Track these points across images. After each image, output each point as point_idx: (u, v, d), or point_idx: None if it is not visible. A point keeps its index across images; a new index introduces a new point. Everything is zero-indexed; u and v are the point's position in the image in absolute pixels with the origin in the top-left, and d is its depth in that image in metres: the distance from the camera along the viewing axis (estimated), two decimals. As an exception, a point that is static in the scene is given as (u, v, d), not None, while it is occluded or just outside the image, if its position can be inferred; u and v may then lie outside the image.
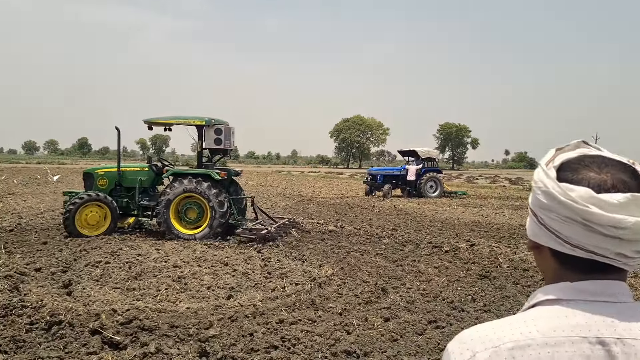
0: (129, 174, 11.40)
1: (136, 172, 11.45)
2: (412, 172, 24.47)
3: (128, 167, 11.54)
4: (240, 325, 5.30)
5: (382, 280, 7.47)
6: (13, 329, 5.08)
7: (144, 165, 11.57)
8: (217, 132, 10.86)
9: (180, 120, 11.01)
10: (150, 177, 11.47)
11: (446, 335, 5.13)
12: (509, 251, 9.99)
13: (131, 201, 11.28)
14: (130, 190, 11.38)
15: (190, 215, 10.75)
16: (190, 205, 10.72)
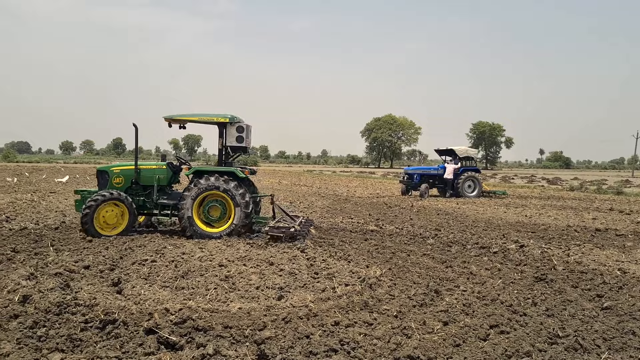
0: (146, 172, 11.22)
1: (153, 170, 11.26)
2: (450, 171, 24.03)
3: (145, 165, 11.34)
4: (294, 327, 5.15)
5: (433, 281, 7.23)
6: (68, 327, 5.05)
7: (162, 163, 11.39)
8: (239, 129, 10.74)
9: (204, 118, 10.84)
10: (167, 175, 11.29)
11: (512, 341, 4.87)
12: (562, 253, 9.60)
13: (148, 199, 11.13)
14: (147, 188, 11.21)
15: (212, 214, 10.67)
16: (213, 203, 10.64)
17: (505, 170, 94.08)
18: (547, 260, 8.78)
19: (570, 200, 23.71)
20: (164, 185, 11.27)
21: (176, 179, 11.59)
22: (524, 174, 72.18)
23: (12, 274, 6.84)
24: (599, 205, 20.94)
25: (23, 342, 4.66)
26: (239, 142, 10.76)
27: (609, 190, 31.23)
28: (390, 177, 52.58)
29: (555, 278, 7.46)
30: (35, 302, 5.64)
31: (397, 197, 23.69)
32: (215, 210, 10.66)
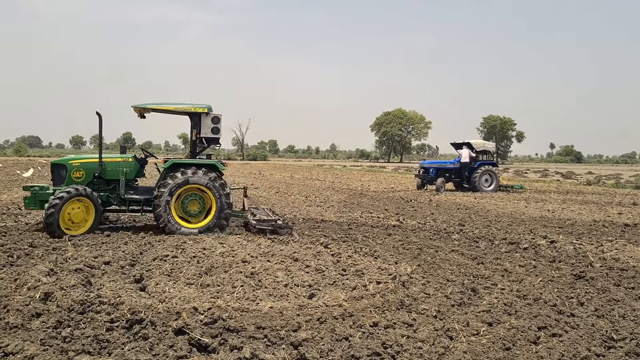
0: (111, 165, 10.27)
1: (119, 163, 10.33)
2: (466, 155, 23.71)
3: (110, 158, 10.39)
4: (331, 328, 4.86)
5: (467, 279, 6.91)
6: (93, 326, 4.79)
7: (128, 156, 10.50)
8: (215, 120, 10.23)
9: (180, 108, 10.21)
10: (134, 168, 10.43)
11: (567, 344, 4.55)
12: (595, 249, 9.23)
13: (112, 195, 10.28)
14: (111, 183, 10.32)
15: (190, 209, 10.12)
16: (191, 197, 10.09)
17: (517, 165, 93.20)
18: (582, 257, 8.42)
19: (590, 194, 23.23)
20: (130, 179, 10.46)
21: (142, 173, 10.68)
22: (536, 168, 71.41)
23: (32, 269, 6.60)
24: (621, 200, 20.48)
25: (47, 343, 4.40)
26: (214, 133, 10.27)
27: (628, 185, 30.67)
28: (402, 171, 52.16)
29: (595, 276, 7.12)
30: (57, 300, 5.40)
31: (412, 191, 23.33)
32: (194, 205, 10.14)
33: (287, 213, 13.61)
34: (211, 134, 10.27)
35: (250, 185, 24.26)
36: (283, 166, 59.33)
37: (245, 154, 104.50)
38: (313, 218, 12.81)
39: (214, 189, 10.04)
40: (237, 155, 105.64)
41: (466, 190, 23.70)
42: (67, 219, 9.42)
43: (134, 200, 10.32)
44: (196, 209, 10.15)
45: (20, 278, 6.22)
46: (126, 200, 10.27)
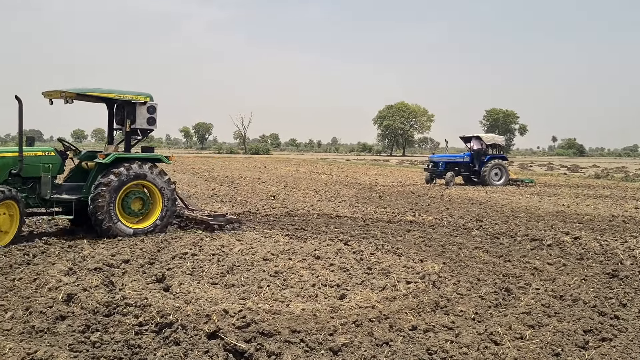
0: (31, 160, 8.67)
1: (40, 157, 8.80)
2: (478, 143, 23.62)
3: (29, 152, 8.78)
4: (369, 332, 4.66)
5: (498, 278, 6.72)
6: (121, 330, 4.61)
7: (49, 149, 9.06)
8: (151, 110, 9.36)
9: (121, 96, 9.17)
10: (57, 163, 8.95)
11: (620, 350, 4.35)
12: (621, 246, 9.02)
13: (32, 196, 8.68)
14: (29, 181, 8.67)
15: (133, 207, 9.21)
16: (134, 195, 9.19)
17: (520, 158, 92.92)
18: (610, 255, 8.22)
19: (601, 188, 23.01)
20: (53, 176, 8.91)
21: (63, 169, 9.24)
22: (540, 161, 71.14)
23: (50, 268, 6.41)
24: (634, 194, 20.25)
25: (76, 349, 4.22)
26: (150, 124, 9.39)
27: (637, 179, 30.43)
28: (407, 164, 51.92)
29: (629, 274, 6.91)
30: (81, 302, 5.21)
31: (421, 185, 23.12)
32: (136, 203, 9.24)
33: (299, 208, 13.41)
34: (147, 124, 9.38)
35: (258, 180, 24.08)
36: (287, 160, 59.12)
37: (247, 148, 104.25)
38: (327, 213, 12.61)
39: (161, 185, 9.36)
40: (240, 149, 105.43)
41: (475, 184, 23.48)
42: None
43: (61, 202, 8.92)
44: (138, 207, 9.29)
45: (39, 278, 6.04)
46: (51, 202, 8.79)
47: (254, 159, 58.89)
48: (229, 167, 36.01)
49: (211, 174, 28.11)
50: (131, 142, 9.58)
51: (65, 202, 8.95)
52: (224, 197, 15.86)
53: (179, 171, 29.83)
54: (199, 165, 38.40)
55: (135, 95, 9.31)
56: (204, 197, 15.83)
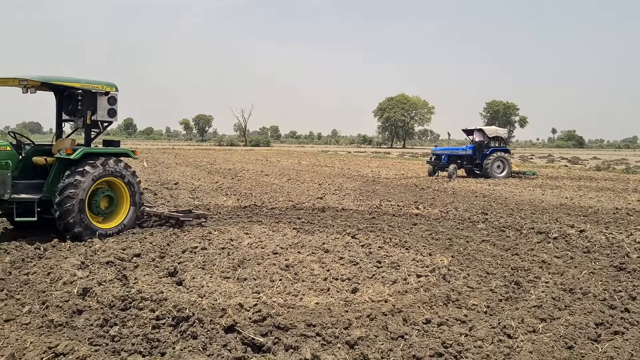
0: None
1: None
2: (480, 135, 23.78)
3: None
4: (383, 326, 4.72)
5: (507, 272, 6.77)
6: (139, 324, 4.66)
7: (4, 143, 8.18)
8: (112, 101, 8.65)
9: (87, 85, 8.33)
10: (14, 159, 8.11)
11: (633, 342, 4.41)
12: (627, 238, 9.07)
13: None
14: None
15: (101, 206, 8.52)
16: (102, 193, 8.51)
17: (520, 150, 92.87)
18: (617, 247, 8.27)
19: (602, 181, 23.05)
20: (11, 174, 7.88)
21: (19, 165, 8.36)
22: (540, 153, 71.15)
23: (63, 262, 6.46)
24: (636, 186, 20.30)
25: (96, 343, 4.27)
26: (110, 115, 8.68)
27: (638, 170, 30.48)
28: (408, 157, 51.94)
29: (636, 267, 6.97)
30: (97, 296, 5.26)
31: (424, 178, 23.15)
32: (103, 202, 8.55)
33: (304, 201, 13.46)
34: (107, 116, 8.66)
35: (261, 172, 24.10)
36: (288, 152, 59.10)
37: (248, 140, 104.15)
38: (332, 206, 12.65)
39: (130, 181, 8.75)
40: (240, 141, 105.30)
41: (478, 176, 23.51)
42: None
43: (22, 202, 7.92)
44: (105, 206, 8.60)
45: (53, 272, 6.09)
46: (9, 202, 7.78)
47: (255, 152, 58.87)
48: (230, 160, 36.01)
49: (213, 166, 28.12)
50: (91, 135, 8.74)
51: (24, 203, 7.93)
52: (228, 190, 15.89)
53: (181, 164, 29.85)
54: (200, 157, 38.39)
55: (101, 85, 8.50)
56: (209, 190, 15.85)
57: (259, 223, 10.06)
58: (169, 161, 32.40)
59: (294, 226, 9.74)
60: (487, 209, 12.59)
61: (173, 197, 13.95)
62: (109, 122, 8.84)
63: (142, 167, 25.63)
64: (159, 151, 51.53)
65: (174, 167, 27.20)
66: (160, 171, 23.73)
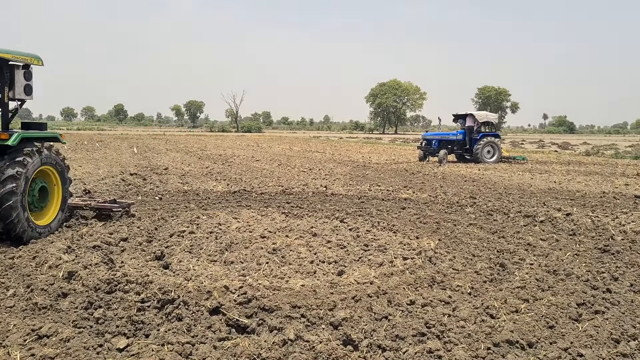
0: None
1: None
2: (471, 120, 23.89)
3: None
4: (367, 307, 4.75)
5: (493, 254, 6.82)
6: (124, 307, 4.67)
7: None
8: (27, 76, 7.40)
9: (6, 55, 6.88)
10: None
11: (612, 322, 4.47)
12: (612, 221, 9.16)
13: None
14: None
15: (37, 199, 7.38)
16: (39, 184, 7.37)
17: (511, 136, 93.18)
18: (602, 230, 8.35)
19: (591, 165, 23.21)
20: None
21: None
22: (531, 138, 71.41)
23: (49, 247, 6.44)
24: (624, 170, 20.45)
25: (80, 325, 4.28)
26: (27, 93, 7.45)
27: (627, 155, 30.70)
28: (399, 142, 51.97)
29: (620, 249, 7.04)
30: (82, 279, 5.26)
31: (415, 163, 23.19)
32: (39, 195, 7.41)
33: (294, 186, 13.46)
34: (24, 94, 7.41)
35: (251, 158, 24.04)
36: (279, 138, 58.94)
37: (240, 126, 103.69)
38: (322, 191, 12.66)
39: (62, 170, 7.77)
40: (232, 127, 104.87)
41: (468, 161, 23.60)
42: None
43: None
44: (38, 198, 7.42)
45: (39, 256, 6.07)
46: None
47: (247, 137, 58.65)
48: (221, 146, 35.88)
49: (204, 152, 28.01)
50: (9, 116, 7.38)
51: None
52: (218, 176, 15.85)
53: (172, 150, 29.71)
54: (191, 143, 38.21)
55: (21, 56, 7.16)
56: (198, 176, 15.81)
57: (247, 207, 10.06)
58: (159, 147, 32.24)
59: (282, 210, 9.75)
60: (476, 193, 12.65)
61: (162, 183, 13.92)
62: (23, 101, 7.51)
63: (132, 153, 25.51)
64: (150, 137, 51.26)
65: (165, 152, 27.07)
66: (150, 157, 23.62)
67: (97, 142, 36.50)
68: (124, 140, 41.06)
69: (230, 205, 10.40)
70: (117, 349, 3.85)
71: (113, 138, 45.62)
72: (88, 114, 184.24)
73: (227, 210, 9.71)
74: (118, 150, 27.65)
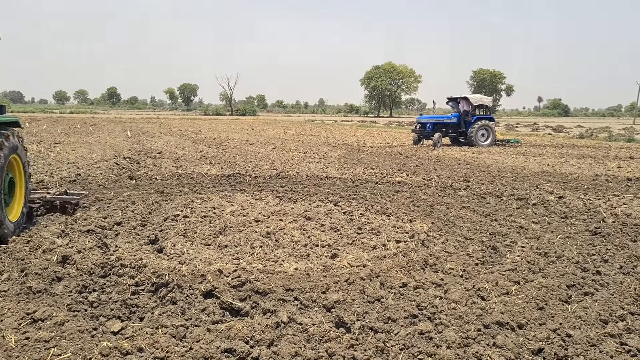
0: None
1: None
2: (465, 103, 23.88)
3: None
4: (360, 289, 4.79)
5: (485, 237, 6.88)
6: (118, 290, 4.68)
7: None
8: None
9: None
10: None
11: (601, 303, 4.53)
12: (604, 204, 9.23)
13: None
14: None
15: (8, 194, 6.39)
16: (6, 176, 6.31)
17: (506, 119, 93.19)
18: (593, 213, 8.42)
19: (585, 148, 23.30)
20: None
21: None
22: (526, 122, 71.45)
23: (43, 231, 6.42)
24: (617, 153, 20.56)
25: (75, 309, 4.30)
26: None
27: (620, 138, 30.81)
28: (394, 126, 51.91)
29: (611, 232, 7.11)
30: (76, 263, 5.26)
31: (409, 146, 23.20)
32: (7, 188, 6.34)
33: (288, 170, 13.46)
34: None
35: (246, 142, 23.98)
36: (274, 121, 58.74)
37: (234, 109, 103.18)
38: (316, 175, 12.67)
39: (25, 159, 6.88)
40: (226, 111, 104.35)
41: (462, 144, 23.64)
42: None
43: None
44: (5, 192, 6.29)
45: (33, 240, 6.05)
46: None
47: (241, 121, 58.39)
48: (216, 129, 35.73)
49: (198, 136, 27.90)
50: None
51: None
52: (212, 159, 15.82)
53: (166, 133, 29.57)
54: (185, 127, 38.04)
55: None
56: (193, 159, 15.78)
57: (242, 191, 10.06)
58: (153, 130, 32.08)
59: (276, 194, 9.77)
60: (469, 177, 12.70)
61: (156, 166, 13.89)
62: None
63: (125, 137, 25.38)
64: (144, 120, 50.98)
65: (158, 136, 26.94)
66: (144, 140, 23.51)
67: (91, 125, 36.26)
68: (118, 124, 40.82)
69: (224, 189, 10.40)
70: (111, 332, 3.88)
71: (106, 121, 45.34)
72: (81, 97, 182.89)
73: (221, 194, 9.72)
74: (111, 134, 27.48)
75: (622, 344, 3.71)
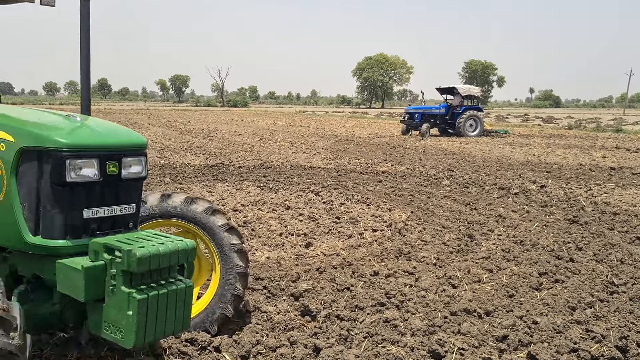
0: None
1: None
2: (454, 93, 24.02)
3: None
4: (331, 278, 4.76)
5: (463, 226, 6.86)
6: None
7: None
8: None
9: None
10: None
11: (571, 290, 4.52)
12: (585, 193, 9.25)
13: None
14: None
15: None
16: None
17: (497, 110, 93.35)
18: (573, 201, 8.42)
19: (572, 138, 23.37)
20: None
21: None
22: (517, 113, 71.52)
23: None
24: (603, 143, 20.63)
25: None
26: None
27: (608, 129, 30.94)
28: (385, 117, 51.85)
29: (589, 220, 7.12)
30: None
31: (397, 137, 23.18)
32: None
33: (273, 160, 13.38)
34: None
35: (234, 132, 23.85)
36: (265, 113, 58.49)
37: (225, 101, 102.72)
38: (300, 165, 12.61)
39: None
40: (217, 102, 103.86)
41: (451, 135, 23.64)
42: None
43: None
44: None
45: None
46: None
47: (232, 112, 58.10)
48: (205, 120, 35.51)
49: (187, 127, 27.71)
50: None
51: None
52: (197, 150, 15.70)
53: (154, 124, 29.36)
54: (174, 118, 37.77)
55: None
56: (178, 150, 15.65)
57: (223, 181, 9.99)
58: (141, 122, 31.83)
59: (258, 184, 9.70)
60: (454, 166, 12.68)
61: (140, 157, 13.74)
62: None
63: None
64: (133, 111, 50.58)
65: (146, 127, 26.74)
66: (130, 132, 23.29)
67: (78, 117, 35.83)
68: (107, 115, 40.39)
69: (206, 179, 10.32)
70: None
71: (95, 113, 44.46)
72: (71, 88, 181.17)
73: (202, 184, 9.64)
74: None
75: (588, 331, 3.69)
